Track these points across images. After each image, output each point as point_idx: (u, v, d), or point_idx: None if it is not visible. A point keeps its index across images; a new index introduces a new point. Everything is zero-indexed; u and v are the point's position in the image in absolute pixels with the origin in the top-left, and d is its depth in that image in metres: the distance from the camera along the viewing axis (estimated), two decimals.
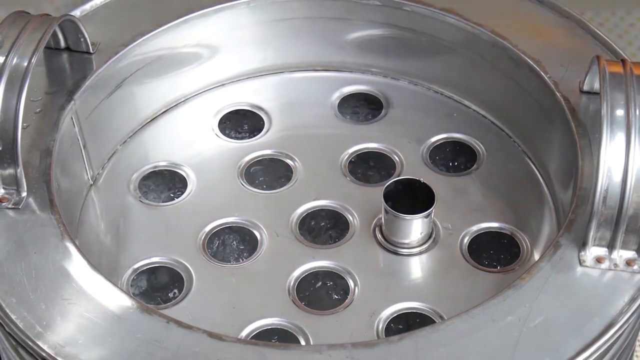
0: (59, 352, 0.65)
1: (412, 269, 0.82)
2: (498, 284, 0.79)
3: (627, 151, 0.69)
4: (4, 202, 0.74)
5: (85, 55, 0.87)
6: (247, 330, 0.76)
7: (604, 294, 0.68)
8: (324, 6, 0.95)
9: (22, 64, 0.75)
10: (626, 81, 0.72)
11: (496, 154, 0.90)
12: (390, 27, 0.95)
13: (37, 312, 0.67)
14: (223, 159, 0.91)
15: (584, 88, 0.82)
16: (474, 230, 0.84)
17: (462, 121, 0.94)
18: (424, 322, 0.77)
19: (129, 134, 0.92)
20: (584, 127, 0.79)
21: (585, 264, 0.69)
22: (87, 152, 0.86)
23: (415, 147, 0.91)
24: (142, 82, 0.91)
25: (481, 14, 0.90)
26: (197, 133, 0.94)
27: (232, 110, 0.96)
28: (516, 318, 0.66)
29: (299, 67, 0.98)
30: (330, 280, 0.81)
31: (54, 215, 0.73)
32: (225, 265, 0.82)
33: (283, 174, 0.90)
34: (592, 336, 0.65)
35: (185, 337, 0.65)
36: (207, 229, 0.84)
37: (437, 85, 0.96)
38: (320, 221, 0.86)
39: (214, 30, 0.94)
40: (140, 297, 0.80)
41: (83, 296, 0.68)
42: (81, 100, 0.84)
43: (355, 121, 0.96)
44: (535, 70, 0.85)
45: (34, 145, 0.79)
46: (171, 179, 0.90)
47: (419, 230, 0.81)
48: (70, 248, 0.71)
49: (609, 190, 0.68)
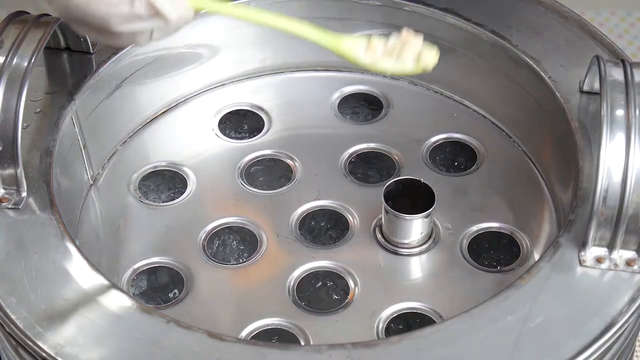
0: (59, 352, 0.65)
1: (412, 269, 0.82)
2: (498, 284, 0.79)
3: (627, 151, 0.69)
4: (4, 202, 0.74)
5: (85, 55, 0.87)
6: (247, 330, 0.76)
7: (604, 294, 0.68)
8: (324, 6, 0.95)
9: (22, 64, 0.75)
10: (626, 81, 0.72)
11: (496, 154, 0.91)
12: (390, 27, 0.95)
13: (37, 312, 0.67)
14: (223, 159, 0.91)
15: (584, 88, 0.82)
16: (474, 230, 0.84)
17: (462, 121, 0.94)
18: (424, 322, 0.77)
19: (129, 134, 0.92)
20: (584, 127, 0.79)
21: (585, 264, 0.69)
22: (87, 152, 0.86)
23: (415, 147, 0.91)
24: (142, 82, 0.91)
25: (481, 14, 0.90)
26: (197, 133, 0.94)
27: (232, 110, 0.96)
28: (516, 318, 0.66)
29: (299, 67, 0.98)
30: (330, 280, 0.81)
31: (54, 215, 0.73)
32: (225, 265, 0.82)
33: (283, 174, 0.90)
34: (592, 336, 0.65)
35: (185, 337, 0.65)
36: (207, 229, 0.84)
37: (437, 85, 0.96)
38: (320, 221, 0.86)
39: (214, 30, 0.94)
40: (140, 297, 0.80)
41: (83, 296, 0.68)
42: (81, 100, 0.84)
43: (355, 121, 0.96)
44: (535, 70, 0.85)
45: (34, 145, 0.79)
46: (171, 179, 0.90)
47: (419, 230, 0.81)
48: (70, 248, 0.71)
49: (609, 190, 0.68)
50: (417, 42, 0.70)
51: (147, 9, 0.64)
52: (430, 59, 0.70)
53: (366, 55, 0.70)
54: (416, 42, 0.70)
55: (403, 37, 0.70)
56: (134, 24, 0.64)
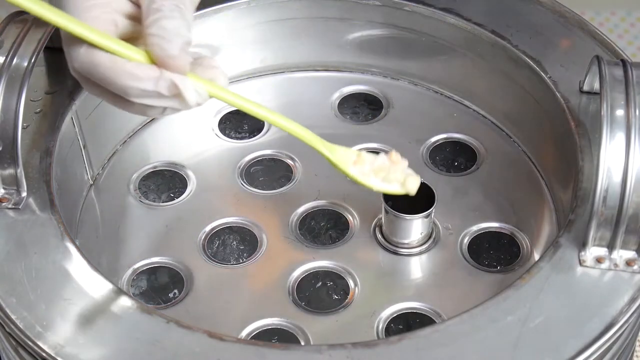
0: (59, 352, 0.64)
1: (412, 269, 0.82)
2: (498, 284, 0.79)
3: (627, 151, 0.69)
4: (4, 202, 0.74)
5: None
6: (247, 330, 0.76)
7: (604, 294, 0.68)
8: (324, 6, 0.95)
9: (22, 64, 0.75)
10: (626, 81, 0.72)
11: (496, 154, 0.91)
12: (390, 27, 0.95)
13: (37, 312, 0.67)
14: (223, 159, 0.91)
15: (584, 88, 0.82)
16: (474, 230, 0.84)
17: (462, 121, 0.94)
18: (424, 322, 0.77)
19: (129, 134, 0.92)
20: (584, 127, 0.79)
21: (585, 264, 0.69)
22: (87, 152, 0.86)
23: (415, 147, 0.91)
24: None
25: (481, 14, 0.90)
26: (197, 133, 0.94)
27: (232, 110, 0.96)
28: (516, 318, 0.66)
29: (299, 67, 0.98)
30: (330, 280, 0.81)
31: (54, 215, 0.73)
32: (225, 265, 0.82)
33: (283, 174, 0.90)
34: (592, 336, 0.65)
35: (185, 337, 0.65)
36: (207, 229, 0.84)
37: (437, 85, 0.96)
38: (320, 221, 0.86)
39: (214, 30, 0.94)
40: (140, 297, 0.80)
41: (83, 296, 0.68)
42: (81, 100, 0.84)
43: (355, 121, 0.96)
44: (535, 70, 0.85)
45: (34, 145, 0.79)
46: (171, 179, 0.90)
47: (419, 230, 0.81)
48: (70, 248, 0.71)
49: (609, 190, 0.68)
50: (403, 167, 0.76)
51: (170, 90, 0.63)
52: (414, 186, 0.76)
53: (355, 168, 0.75)
54: (402, 166, 0.76)
55: (392, 158, 0.75)
56: (152, 99, 0.63)
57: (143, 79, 0.62)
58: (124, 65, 0.62)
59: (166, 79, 0.63)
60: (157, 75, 0.63)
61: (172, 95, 0.63)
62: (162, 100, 0.64)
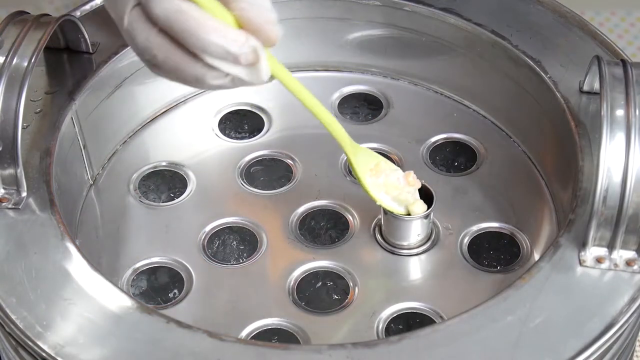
0: (59, 352, 0.65)
1: (412, 269, 0.82)
2: (498, 284, 0.79)
3: (627, 151, 0.69)
4: (4, 202, 0.74)
5: (85, 55, 0.87)
6: (247, 330, 0.76)
7: (604, 294, 0.68)
8: (324, 6, 0.95)
9: (22, 64, 0.75)
10: (626, 81, 0.72)
11: (496, 154, 0.90)
12: (390, 27, 0.95)
13: (37, 312, 0.67)
14: (223, 159, 0.91)
15: (584, 88, 0.82)
16: (474, 230, 0.84)
17: (462, 121, 0.94)
18: (424, 322, 0.77)
19: (129, 134, 0.92)
20: (584, 127, 0.79)
21: (585, 264, 0.69)
22: (87, 152, 0.86)
23: (415, 147, 0.91)
24: (142, 82, 0.91)
25: (481, 14, 0.90)
26: (197, 133, 0.94)
27: (232, 110, 0.96)
28: (516, 318, 0.66)
29: (299, 67, 0.98)
30: (330, 280, 0.81)
31: (54, 215, 0.73)
32: (225, 265, 0.82)
33: (283, 174, 0.90)
34: (592, 336, 0.65)
35: (185, 337, 0.65)
36: (207, 229, 0.84)
37: (437, 85, 0.96)
38: (320, 221, 0.86)
39: None
40: (140, 297, 0.80)
41: (83, 296, 0.68)
42: (81, 100, 0.84)
43: (355, 121, 0.96)
44: (535, 70, 0.85)
45: (34, 145, 0.79)
46: (171, 179, 0.90)
47: (418, 230, 0.81)
48: (70, 248, 0.71)
49: (609, 190, 0.68)
50: (415, 191, 0.78)
51: (248, 58, 0.61)
52: (418, 211, 0.79)
53: (370, 179, 0.77)
54: (415, 190, 0.78)
55: (408, 179, 0.78)
56: (226, 64, 0.61)
57: (228, 38, 0.60)
58: (211, 20, 0.60)
59: (250, 46, 0.61)
60: (243, 39, 0.61)
61: (247, 64, 0.61)
62: (235, 67, 0.61)
